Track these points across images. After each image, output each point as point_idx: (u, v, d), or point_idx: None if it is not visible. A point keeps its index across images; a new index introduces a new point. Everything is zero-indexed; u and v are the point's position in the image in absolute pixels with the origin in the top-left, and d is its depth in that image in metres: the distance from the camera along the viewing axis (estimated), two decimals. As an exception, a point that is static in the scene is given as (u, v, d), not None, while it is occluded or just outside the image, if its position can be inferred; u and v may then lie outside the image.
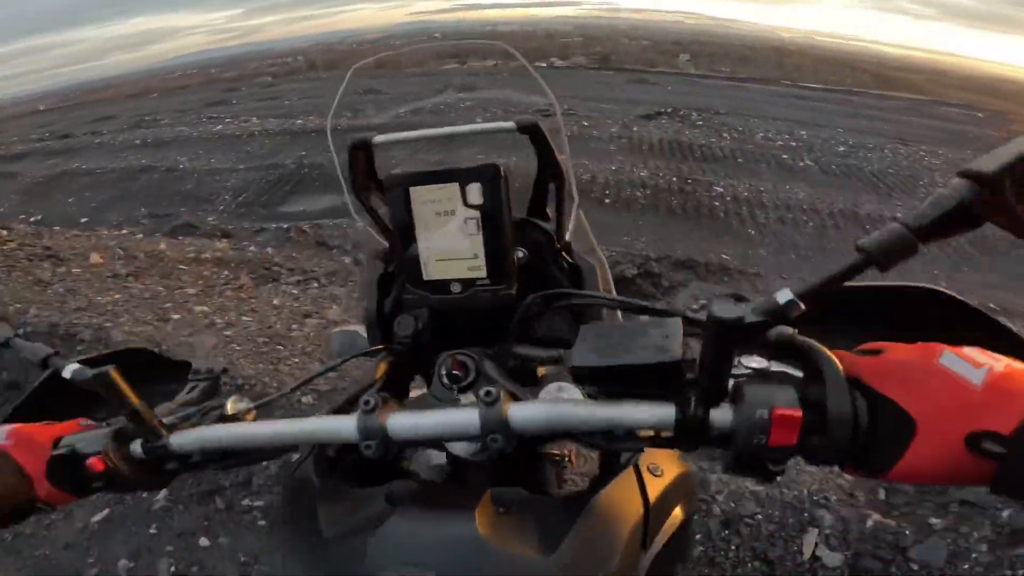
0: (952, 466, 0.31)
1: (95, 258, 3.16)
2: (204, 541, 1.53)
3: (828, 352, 0.36)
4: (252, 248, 3.76)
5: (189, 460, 0.46)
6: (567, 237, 0.66)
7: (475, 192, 0.53)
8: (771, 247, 4.41)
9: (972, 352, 0.33)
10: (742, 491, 1.44)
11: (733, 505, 1.40)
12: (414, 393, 0.63)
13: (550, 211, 0.66)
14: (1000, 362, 0.32)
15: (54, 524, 1.61)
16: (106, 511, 1.64)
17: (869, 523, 1.40)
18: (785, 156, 6.13)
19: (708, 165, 5.76)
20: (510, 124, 0.60)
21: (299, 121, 7.57)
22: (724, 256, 4.20)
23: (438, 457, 0.58)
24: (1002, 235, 0.30)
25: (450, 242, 0.55)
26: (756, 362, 0.42)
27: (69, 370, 0.46)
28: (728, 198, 4.86)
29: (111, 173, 6.20)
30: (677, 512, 0.52)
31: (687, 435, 0.38)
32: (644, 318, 0.50)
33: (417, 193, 0.54)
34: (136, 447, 0.45)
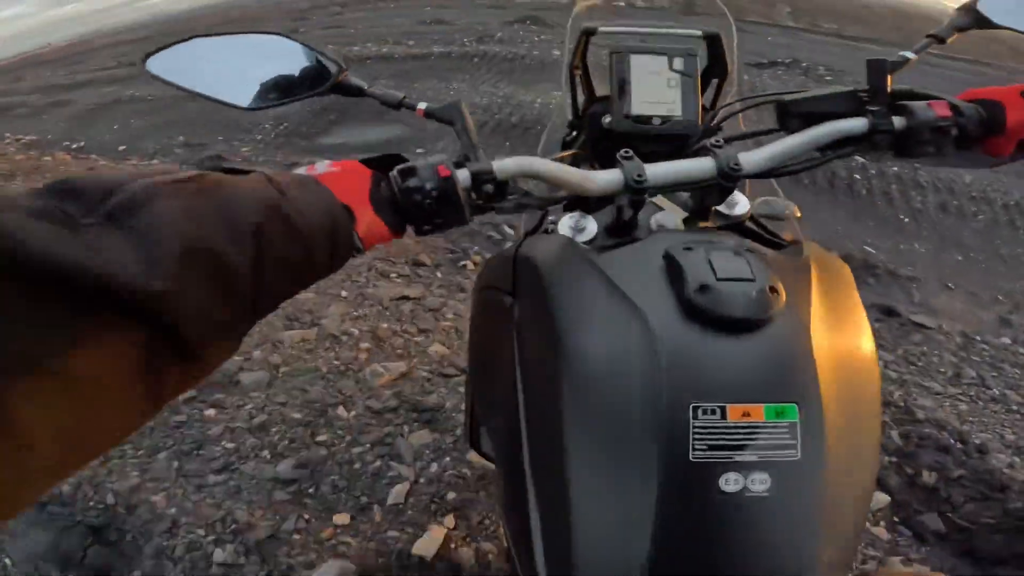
0: None
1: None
2: None
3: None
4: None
5: (501, 192, 0.53)
6: (715, 121, 0.83)
7: (679, 62, 0.75)
8: (930, 241, 3.37)
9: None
10: None
11: None
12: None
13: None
14: None
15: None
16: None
17: None
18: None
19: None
20: (698, 32, 0.85)
21: (356, 48, 6.94)
22: (869, 248, 3.20)
23: None
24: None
25: (655, 92, 0.75)
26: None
27: (423, 105, 0.59)
28: (872, 171, 3.78)
29: (161, 100, 5.66)
30: None
31: (877, 135, 0.58)
32: None
33: (636, 59, 0.75)
34: (464, 172, 0.51)
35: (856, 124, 0.58)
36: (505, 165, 0.52)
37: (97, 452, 0.30)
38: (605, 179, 0.53)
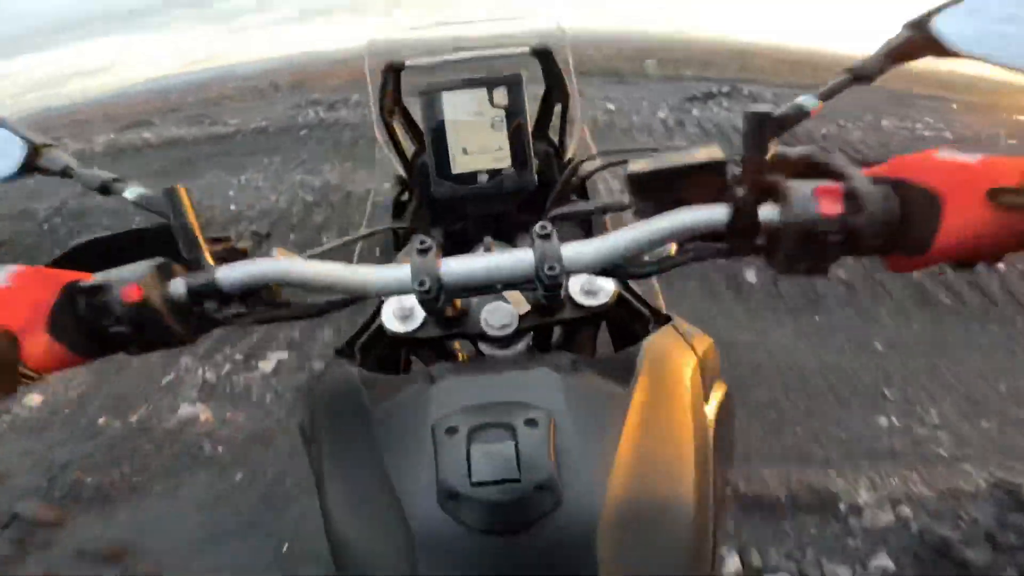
0: (982, 228, 0.35)
1: None
2: None
3: (844, 158, 0.40)
4: None
5: (230, 304, 0.43)
6: (570, 154, 0.75)
7: (501, 94, 0.64)
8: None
9: (950, 150, 0.38)
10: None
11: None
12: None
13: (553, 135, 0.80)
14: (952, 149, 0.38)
15: None
16: None
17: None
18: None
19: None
20: (524, 49, 0.74)
21: (145, 134, 5.17)
22: None
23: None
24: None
25: (478, 138, 0.65)
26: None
27: (132, 192, 0.45)
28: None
29: None
30: (720, 383, 0.50)
31: (739, 232, 0.39)
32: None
33: (449, 97, 0.64)
34: (178, 285, 0.41)
35: (715, 214, 0.40)
36: (234, 273, 0.41)
37: None
38: (388, 278, 0.42)
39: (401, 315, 0.50)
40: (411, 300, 0.50)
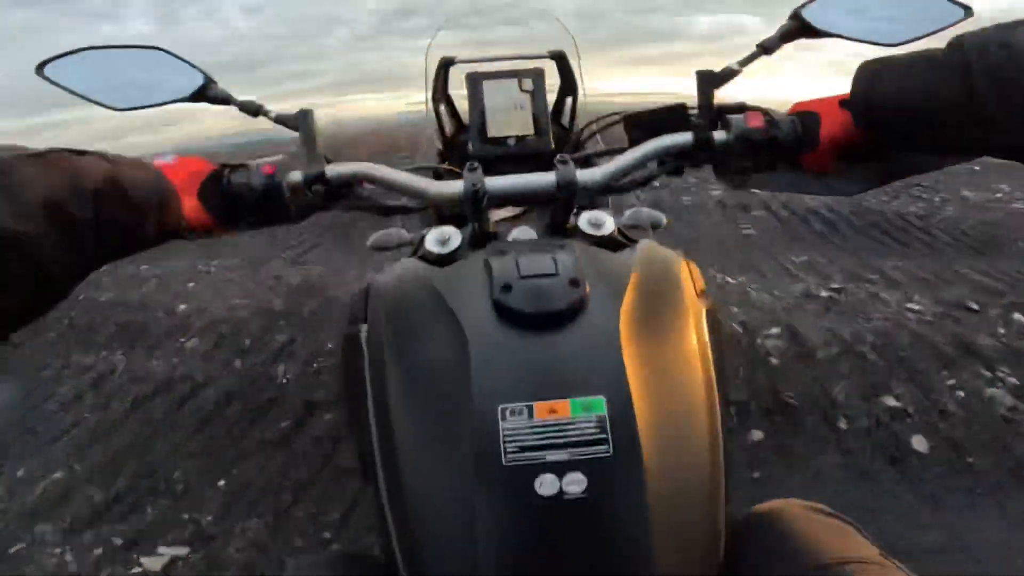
0: (842, 131, 0.56)
1: None
2: None
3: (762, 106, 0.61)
4: None
5: (334, 194, 0.58)
6: (580, 139, 0.92)
7: (528, 84, 0.82)
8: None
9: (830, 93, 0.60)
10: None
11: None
12: None
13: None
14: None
15: None
16: None
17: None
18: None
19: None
20: (545, 53, 0.98)
21: None
22: None
23: None
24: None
25: (509, 115, 0.82)
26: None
27: (274, 113, 0.60)
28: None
29: None
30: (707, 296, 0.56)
31: (700, 149, 0.58)
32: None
33: (488, 84, 0.82)
34: (296, 173, 0.56)
35: (682, 138, 0.59)
36: (339, 168, 0.57)
37: None
38: (445, 187, 0.57)
39: (441, 241, 0.59)
40: (449, 230, 0.60)
